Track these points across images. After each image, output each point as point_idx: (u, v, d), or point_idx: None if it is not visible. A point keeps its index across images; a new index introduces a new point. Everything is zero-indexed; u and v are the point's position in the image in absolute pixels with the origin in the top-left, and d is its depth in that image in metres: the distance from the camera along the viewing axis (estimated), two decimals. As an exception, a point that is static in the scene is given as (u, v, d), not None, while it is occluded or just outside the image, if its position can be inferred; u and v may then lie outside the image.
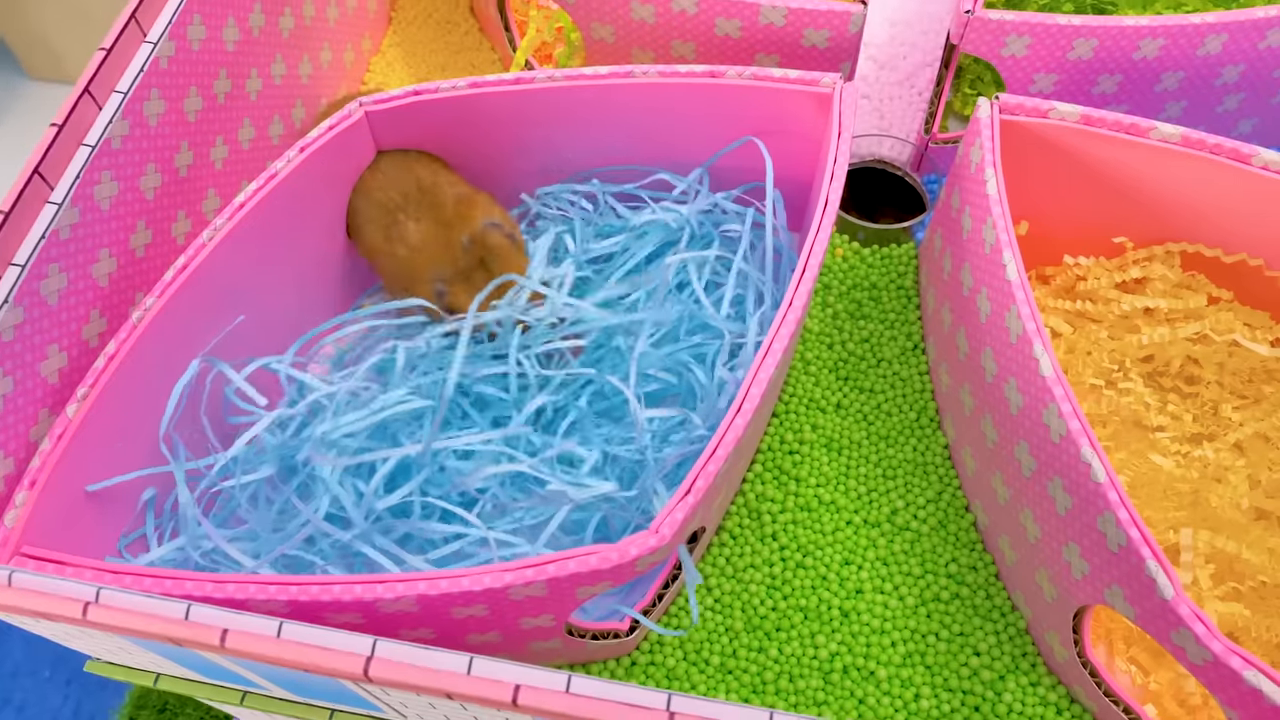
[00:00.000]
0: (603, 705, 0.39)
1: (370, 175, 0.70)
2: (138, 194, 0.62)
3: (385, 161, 0.70)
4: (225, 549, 0.60)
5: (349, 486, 0.62)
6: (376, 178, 0.69)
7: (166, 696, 1.00)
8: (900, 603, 0.65)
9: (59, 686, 0.96)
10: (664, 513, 0.51)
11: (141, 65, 0.61)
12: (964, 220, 0.65)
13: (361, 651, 0.41)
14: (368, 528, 0.60)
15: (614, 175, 0.75)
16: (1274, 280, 0.68)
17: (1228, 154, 0.63)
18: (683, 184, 0.74)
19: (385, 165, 0.70)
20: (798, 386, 0.73)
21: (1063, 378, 0.54)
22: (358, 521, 0.60)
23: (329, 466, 0.61)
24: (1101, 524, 0.52)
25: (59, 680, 0.96)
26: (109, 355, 0.57)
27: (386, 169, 0.70)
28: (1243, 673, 0.47)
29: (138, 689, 0.99)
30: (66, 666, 0.97)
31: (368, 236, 0.70)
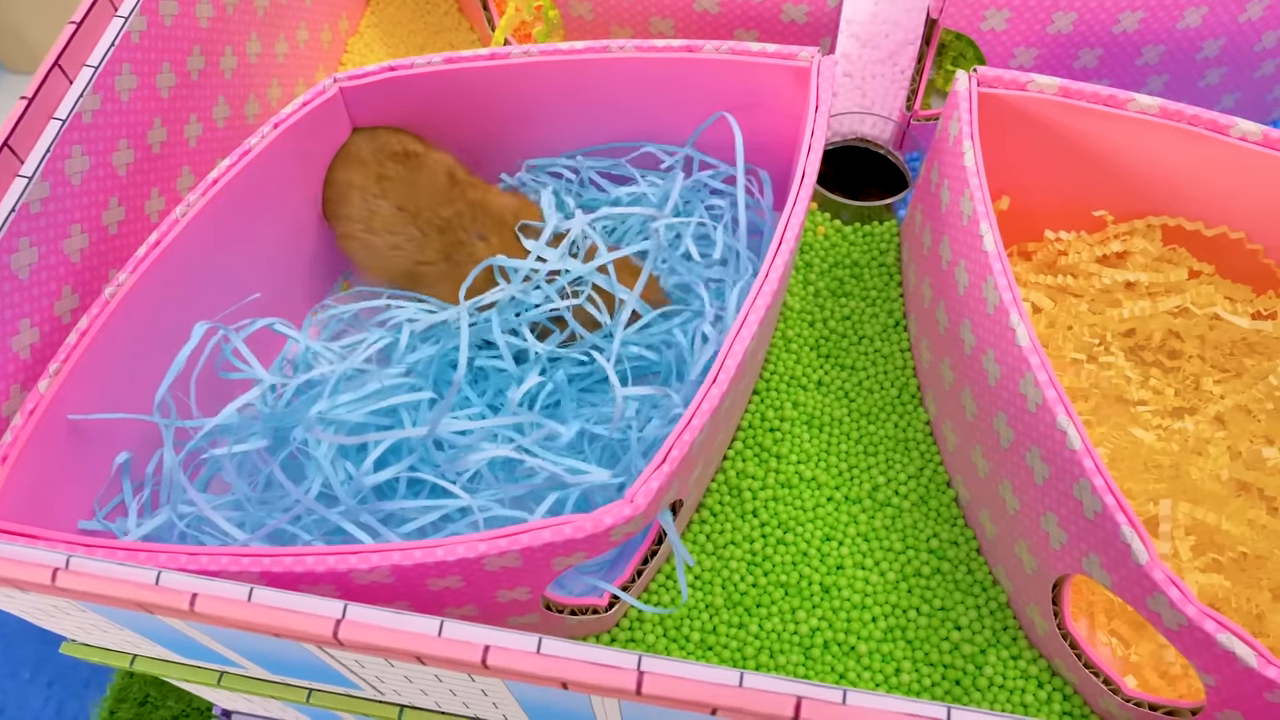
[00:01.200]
0: (573, 665, 0.40)
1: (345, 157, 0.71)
2: (110, 169, 0.63)
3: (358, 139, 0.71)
4: (214, 519, 0.60)
5: (339, 466, 0.62)
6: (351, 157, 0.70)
7: (147, 689, 1.00)
8: (881, 578, 0.66)
9: (40, 689, 0.96)
10: (639, 482, 0.51)
11: (113, 40, 0.62)
12: (943, 194, 0.66)
13: (332, 614, 0.41)
14: (354, 505, 0.60)
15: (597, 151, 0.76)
16: (1255, 253, 0.69)
17: (1206, 125, 0.64)
18: (669, 161, 0.74)
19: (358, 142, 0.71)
20: (779, 364, 0.74)
21: (1039, 347, 0.55)
22: (346, 502, 0.60)
23: (324, 446, 0.61)
24: (1077, 491, 0.53)
25: (40, 682, 0.97)
26: (81, 331, 0.58)
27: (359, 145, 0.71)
28: (1216, 636, 0.48)
29: (118, 682, 1.00)
30: (48, 668, 0.97)
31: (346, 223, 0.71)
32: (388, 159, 0.70)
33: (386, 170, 0.70)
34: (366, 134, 0.71)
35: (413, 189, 0.69)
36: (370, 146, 0.70)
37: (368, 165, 0.70)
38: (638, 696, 0.40)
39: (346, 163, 0.71)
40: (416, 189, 0.69)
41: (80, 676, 0.98)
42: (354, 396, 0.62)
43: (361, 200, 0.70)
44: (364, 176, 0.70)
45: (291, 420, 0.63)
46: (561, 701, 0.50)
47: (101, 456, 0.61)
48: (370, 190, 0.70)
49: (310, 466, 0.63)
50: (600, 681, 0.40)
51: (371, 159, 0.70)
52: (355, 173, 0.70)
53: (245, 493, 0.62)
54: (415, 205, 0.69)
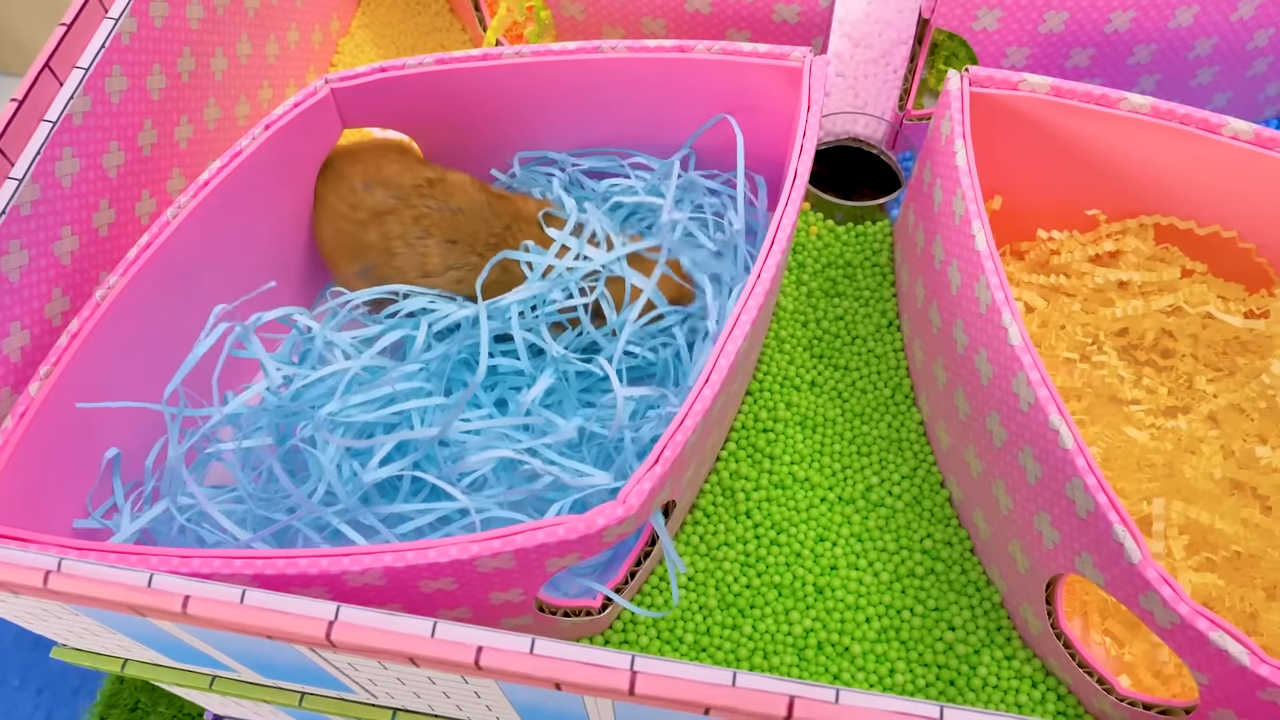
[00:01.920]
0: (566, 665, 0.41)
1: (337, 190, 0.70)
2: (100, 171, 0.63)
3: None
4: (213, 515, 0.60)
5: (345, 464, 0.62)
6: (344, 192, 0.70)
7: (138, 695, 1.00)
8: (875, 579, 0.66)
9: (29, 696, 0.96)
10: (631, 483, 0.52)
11: (103, 41, 0.62)
12: (935, 194, 0.66)
13: (325, 616, 0.42)
14: (355, 504, 0.60)
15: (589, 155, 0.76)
16: (1247, 252, 0.70)
17: (1197, 124, 0.65)
18: (660, 166, 0.75)
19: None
20: (772, 365, 0.74)
21: (1031, 346, 0.56)
22: (346, 501, 0.60)
23: (331, 448, 0.61)
24: (1070, 491, 0.54)
25: (29, 690, 0.97)
26: (72, 334, 0.58)
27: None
28: (1209, 634, 0.49)
29: (108, 688, 1.00)
30: (36, 675, 0.97)
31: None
32: (414, 196, 0.68)
33: (419, 209, 0.68)
34: (366, 174, 0.69)
35: (455, 218, 0.68)
36: (387, 190, 0.68)
37: (399, 211, 0.68)
38: (631, 697, 0.41)
39: (372, 219, 0.68)
40: (458, 217, 0.68)
41: (70, 684, 0.98)
42: (366, 398, 0.62)
43: (407, 248, 0.68)
44: (401, 223, 0.68)
45: (298, 414, 0.64)
46: (555, 703, 0.50)
47: (94, 458, 0.61)
48: (412, 235, 0.68)
49: (313, 463, 0.63)
50: (593, 682, 0.40)
51: (399, 203, 0.68)
52: (391, 223, 0.68)
53: (248, 488, 0.62)
54: (463, 233, 0.68)
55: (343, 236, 0.70)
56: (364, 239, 0.69)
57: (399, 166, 0.70)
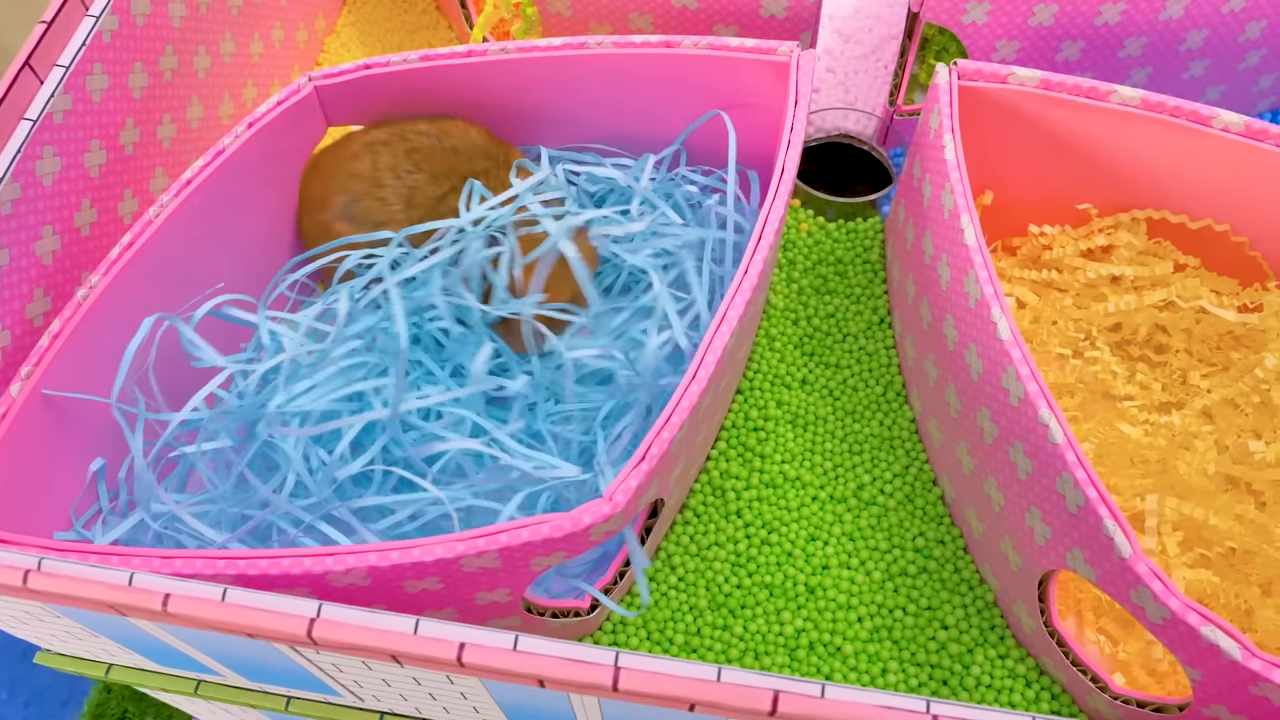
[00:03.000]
0: (549, 661, 0.41)
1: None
2: (82, 171, 0.63)
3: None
4: (186, 519, 0.60)
5: (313, 453, 0.62)
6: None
7: (125, 705, 1.01)
8: (867, 578, 0.67)
9: (16, 709, 0.97)
10: (618, 480, 0.52)
11: (84, 39, 0.62)
12: (924, 188, 0.67)
13: (306, 614, 0.42)
14: (330, 496, 0.61)
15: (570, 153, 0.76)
16: (1240, 246, 0.70)
17: (1188, 116, 0.65)
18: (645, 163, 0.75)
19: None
20: (762, 363, 0.75)
21: (1020, 340, 0.56)
22: (319, 494, 0.61)
23: (291, 439, 0.62)
24: (1060, 486, 0.54)
25: (16, 703, 0.97)
26: (53, 334, 0.58)
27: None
28: (1200, 629, 0.49)
29: (95, 698, 1.00)
30: (24, 688, 0.97)
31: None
32: (410, 131, 0.69)
33: (414, 142, 0.69)
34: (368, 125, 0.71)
35: (447, 155, 0.69)
36: (383, 128, 0.70)
37: (392, 143, 0.69)
38: (615, 693, 0.41)
39: (364, 149, 0.69)
40: (451, 155, 0.69)
41: (58, 696, 0.99)
42: (309, 384, 0.62)
43: (395, 180, 0.68)
44: (393, 155, 0.69)
45: (258, 410, 0.64)
46: (541, 703, 0.50)
47: (77, 463, 0.61)
48: (403, 166, 0.68)
49: (281, 459, 0.63)
50: (577, 678, 0.41)
51: (393, 135, 0.69)
52: (383, 154, 0.69)
53: (220, 490, 0.63)
54: (453, 170, 0.68)
55: (332, 173, 0.70)
56: (354, 168, 0.69)
57: (412, 122, 0.71)
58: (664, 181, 0.75)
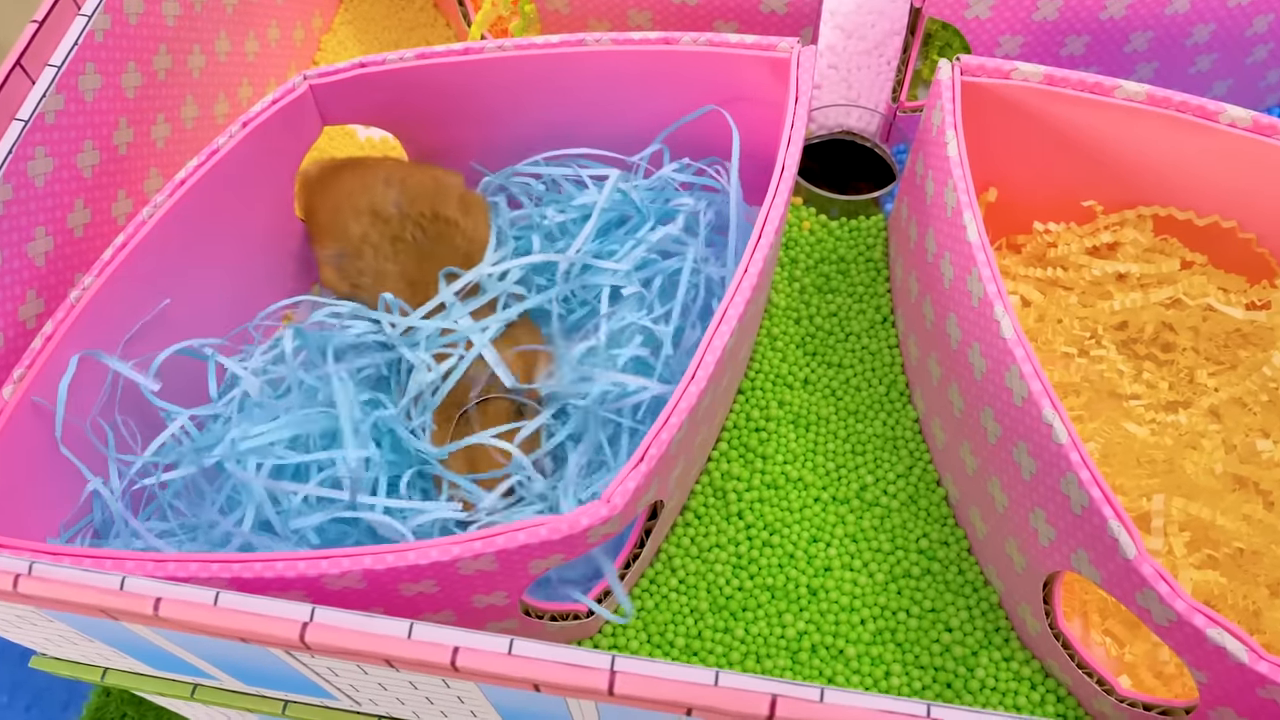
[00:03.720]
0: (544, 665, 0.41)
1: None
2: (75, 171, 0.63)
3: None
4: (157, 548, 0.61)
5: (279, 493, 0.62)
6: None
7: (125, 709, 1.01)
8: (870, 579, 0.67)
9: (18, 713, 0.97)
10: (616, 481, 0.52)
11: (76, 38, 0.62)
12: (927, 186, 0.67)
13: (299, 617, 0.42)
14: (295, 541, 0.61)
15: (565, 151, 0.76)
16: (1248, 242, 0.70)
17: (1194, 111, 0.65)
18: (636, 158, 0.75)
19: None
20: (764, 363, 0.75)
21: (1024, 338, 0.56)
22: (285, 535, 0.61)
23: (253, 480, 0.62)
24: (1064, 486, 0.54)
25: (18, 706, 0.97)
26: (46, 336, 0.58)
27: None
28: (1206, 631, 0.49)
29: (94, 702, 1.01)
30: (24, 692, 0.98)
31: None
32: (411, 221, 0.68)
33: (404, 236, 0.68)
34: (394, 175, 0.70)
35: (427, 261, 0.68)
36: (398, 198, 0.69)
37: (389, 223, 0.68)
38: (610, 697, 0.41)
39: (363, 212, 0.69)
40: (431, 261, 0.68)
41: (58, 699, 0.99)
42: (265, 428, 0.63)
43: (373, 257, 0.68)
44: (380, 235, 0.68)
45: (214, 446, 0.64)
46: (539, 707, 0.50)
47: (68, 468, 0.61)
48: (383, 252, 0.68)
49: (244, 491, 0.63)
50: (572, 682, 0.41)
51: (395, 217, 0.68)
52: (372, 228, 0.68)
53: (191, 519, 0.63)
54: (424, 277, 0.68)
55: (338, 215, 0.70)
56: (349, 226, 0.69)
57: (430, 187, 0.70)
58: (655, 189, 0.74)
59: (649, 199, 0.74)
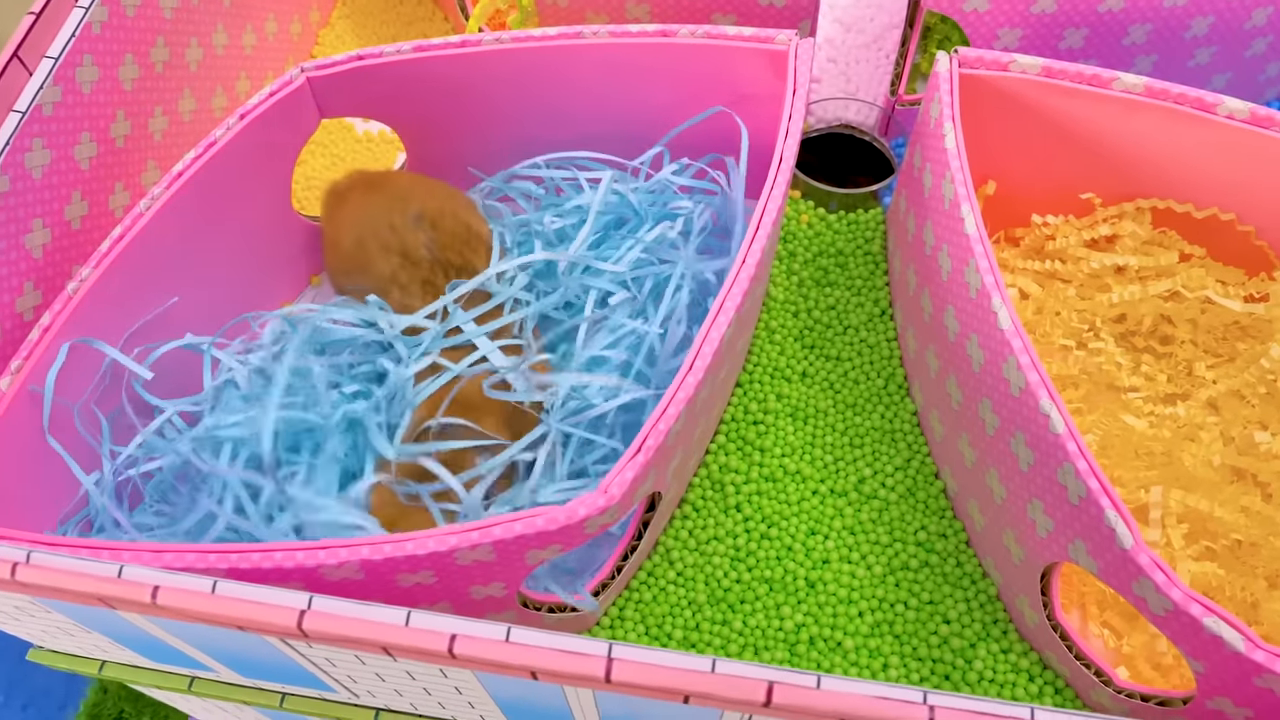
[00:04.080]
0: (541, 653, 0.41)
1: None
2: (72, 163, 0.64)
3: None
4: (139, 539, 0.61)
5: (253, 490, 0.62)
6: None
7: (122, 705, 1.01)
8: (868, 572, 0.67)
9: (14, 712, 0.97)
10: (614, 472, 0.52)
11: (73, 30, 0.63)
12: (925, 178, 0.67)
13: (297, 605, 0.42)
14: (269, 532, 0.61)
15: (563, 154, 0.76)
16: (1246, 235, 0.70)
17: (1192, 103, 0.65)
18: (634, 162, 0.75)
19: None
20: (762, 356, 0.75)
21: (1021, 330, 0.56)
22: (258, 525, 0.61)
23: (224, 465, 0.62)
24: (1061, 476, 0.54)
25: (14, 705, 0.97)
26: (44, 328, 0.59)
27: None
28: (1203, 620, 0.49)
29: (92, 698, 1.01)
30: (21, 691, 0.98)
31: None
32: (440, 265, 0.68)
33: (435, 279, 0.68)
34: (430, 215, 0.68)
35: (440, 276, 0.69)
36: (429, 242, 0.68)
37: (419, 267, 0.68)
38: (608, 685, 0.41)
39: (393, 252, 0.68)
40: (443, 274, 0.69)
41: (56, 698, 0.99)
42: (236, 419, 0.63)
43: (400, 296, 0.68)
44: (410, 278, 0.68)
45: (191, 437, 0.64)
46: (537, 697, 0.50)
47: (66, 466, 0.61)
48: (411, 293, 0.68)
49: (216, 487, 0.63)
50: (570, 669, 0.41)
51: (427, 262, 0.68)
52: (402, 270, 0.68)
53: (168, 511, 0.64)
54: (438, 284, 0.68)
55: (364, 248, 0.68)
56: (377, 263, 0.68)
57: (463, 236, 0.69)
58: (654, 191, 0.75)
59: (647, 201, 0.74)
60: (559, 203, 0.75)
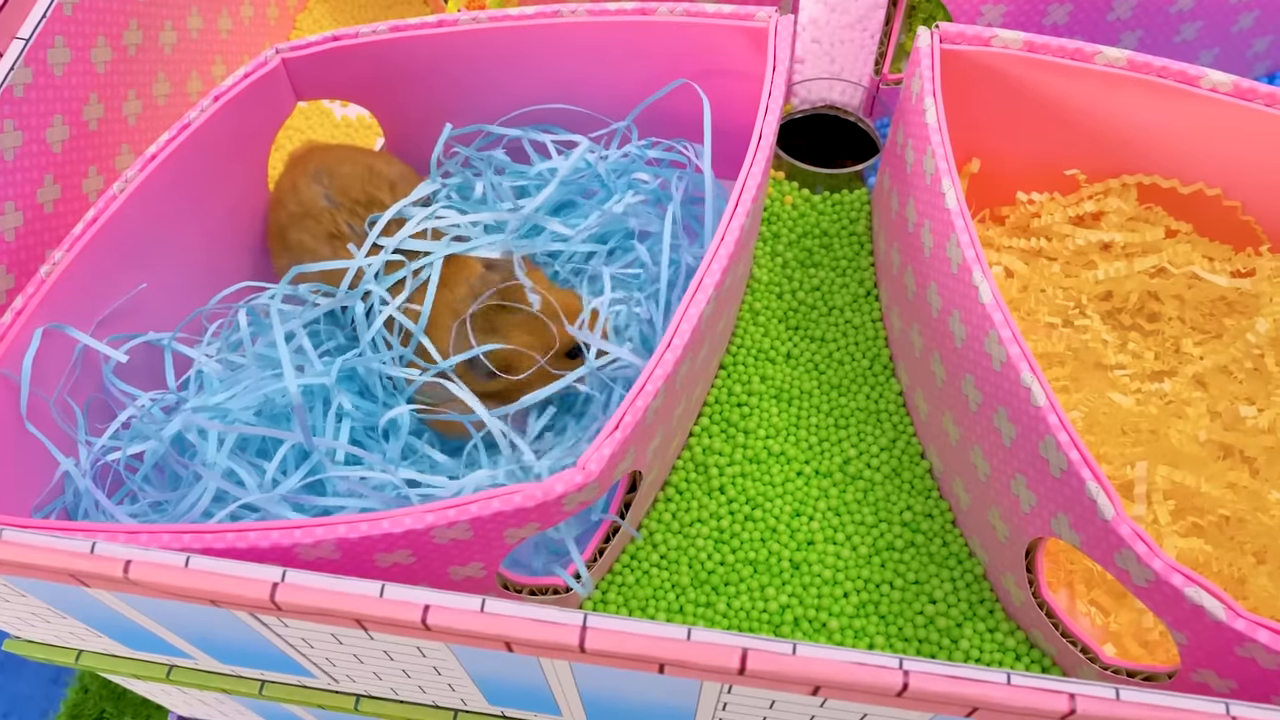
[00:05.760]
0: (515, 622, 0.42)
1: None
2: (44, 146, 0.64)
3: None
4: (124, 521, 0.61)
5: (244, 465, 0.63)
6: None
7: (103, 705, 1.02)
8: (853, 552, 0.68)
9: (-4, 721, 0.98)
10: (592, 449, 0.53)
11: (44, 11, 0.63)
12: (907, 154, 0.68)
13: (270, 578, 0.43)
14: (273, 496, 0.61)
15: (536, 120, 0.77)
16: (1233, 210, 0.71)
17: (1175, 76, 0.66)
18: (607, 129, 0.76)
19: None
20: (746, 337, 0.76)
21: (1002, 303, 0.57)
22: (255, 491, 0.61)
23: (212, 446, 0.63)
24: (1043, 449, 0.55)
25: (-7, 711, 0.98)
26: (16, 312, 0.59)
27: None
28: (1184, 590, 0.50)
29: (72, 698, 1.01)
30: (2, 698, 0.98)
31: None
32: (345, 213, 0.70)
33: (339, 227, 0.69)
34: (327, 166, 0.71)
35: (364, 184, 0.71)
36: (327, 190, 0.70)
37: (320, 220, 0.70)
38: (582, 654, 0.42)
39: (297, 216, 0.71)
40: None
41: (37, 705, 1.00)
42: (221, 396, 0.64)
43: (310, 257, 0.70)
44: (314, 237, 0.70)
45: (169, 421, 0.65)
46: (515, 673, 0.51)
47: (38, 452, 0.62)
48: (323, 255, 0.69)
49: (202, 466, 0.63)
50: (544, 638, 0.42)
51: (327, 211, 0.70)
52: (305, 233, 0.70)
53: (159, 499, 0.64)
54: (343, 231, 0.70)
55: (280, 226, 0.72)
56: (288, 235, 0.71)
57: (362, 175, 0.71)
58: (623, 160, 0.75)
59: (616, 171, 0.75)
60: (524, 171, 0.75)
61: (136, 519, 0.64)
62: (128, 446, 0.64)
